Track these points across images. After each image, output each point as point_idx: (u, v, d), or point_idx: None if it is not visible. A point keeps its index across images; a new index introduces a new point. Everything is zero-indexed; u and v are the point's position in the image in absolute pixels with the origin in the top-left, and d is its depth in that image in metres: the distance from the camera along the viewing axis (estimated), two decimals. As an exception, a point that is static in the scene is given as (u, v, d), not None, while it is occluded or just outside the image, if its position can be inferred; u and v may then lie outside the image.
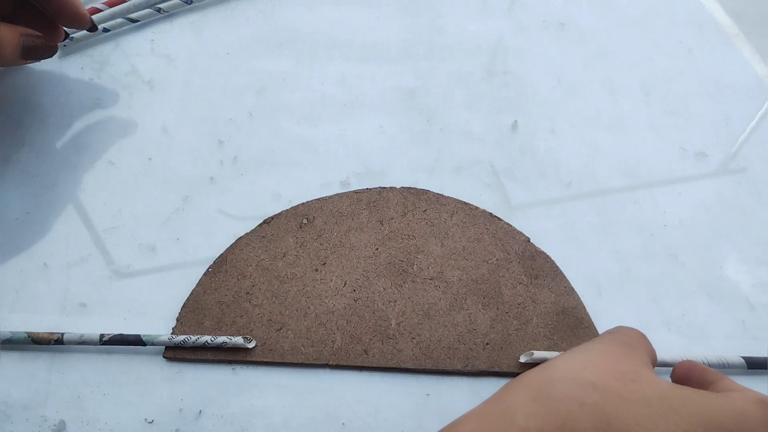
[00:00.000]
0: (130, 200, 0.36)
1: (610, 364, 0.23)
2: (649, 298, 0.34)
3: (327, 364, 0.32)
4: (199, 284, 0.34)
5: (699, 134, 0.38)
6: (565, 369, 0.23)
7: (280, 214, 0.36)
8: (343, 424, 0.30)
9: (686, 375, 0.26)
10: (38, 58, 0.35)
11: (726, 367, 0.31)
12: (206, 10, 0.43)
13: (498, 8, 0.43)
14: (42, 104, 0.39)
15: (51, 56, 0.36)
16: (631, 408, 0.21)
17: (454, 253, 0.34)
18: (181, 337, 0.32)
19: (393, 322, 0.32)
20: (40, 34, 0.34)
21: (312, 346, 0.32)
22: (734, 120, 0.39)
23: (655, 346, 0.32)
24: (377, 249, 0.34)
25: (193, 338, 0.31)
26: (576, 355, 0.24)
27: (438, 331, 0.32)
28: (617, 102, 0.40)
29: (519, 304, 0.33)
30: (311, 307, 0.33)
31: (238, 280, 0.34)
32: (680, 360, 0.31)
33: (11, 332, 0.32)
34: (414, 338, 0.32)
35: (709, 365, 0.31)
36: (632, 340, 0.25)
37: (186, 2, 0.36)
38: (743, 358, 0.31)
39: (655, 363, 0.26)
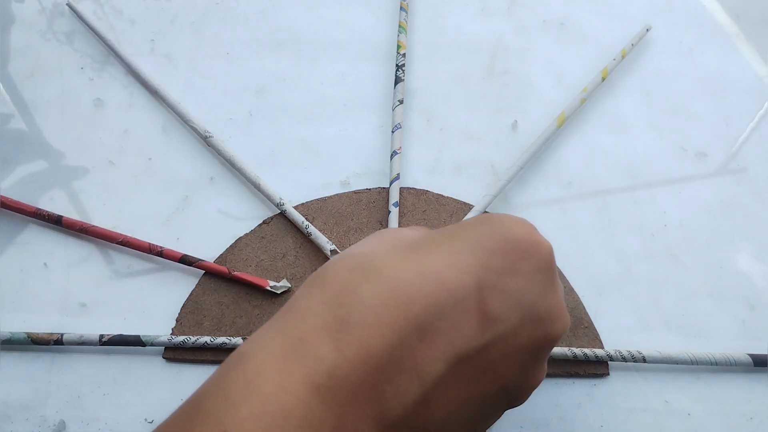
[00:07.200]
0: (130, 200, 0.36)
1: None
2: (649, 298, 0.34)
3: (327, 364, 0.31)
4: (198, 284, 0.34)
5: (699, 134, 0.38)
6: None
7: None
8: (343, 424, 0.30)
9: None
10: None
11: (732, 365, 0.31)
12: (206, 10, 0.43)
13: (498, 8, 0.43)
14: (42, 104, 0.39)
15: None
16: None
17: (454, 253, 0.34)
18: (180, 338, 0.32)
19: (393, 322, 0.32)
20: None
21: (312, 346, 0.32)
22: (734, 120, 0.39)
23: (655, 346, 0.32)
24: (377, 249, 0.34)
25: (193, 339, 0.31)
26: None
27: (438, 331, 0.32)
28: (617, 102, 0.40)
29: (519, 304, 0.33)
30: (311, 307, 0.33)
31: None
32: (683, 356, 0.31)
33: (11, 332, 0.32)
34: (414, 338, 0.32)
35: (716, 362, 0.31)
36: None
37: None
38: (749, 355, 0.31)
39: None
